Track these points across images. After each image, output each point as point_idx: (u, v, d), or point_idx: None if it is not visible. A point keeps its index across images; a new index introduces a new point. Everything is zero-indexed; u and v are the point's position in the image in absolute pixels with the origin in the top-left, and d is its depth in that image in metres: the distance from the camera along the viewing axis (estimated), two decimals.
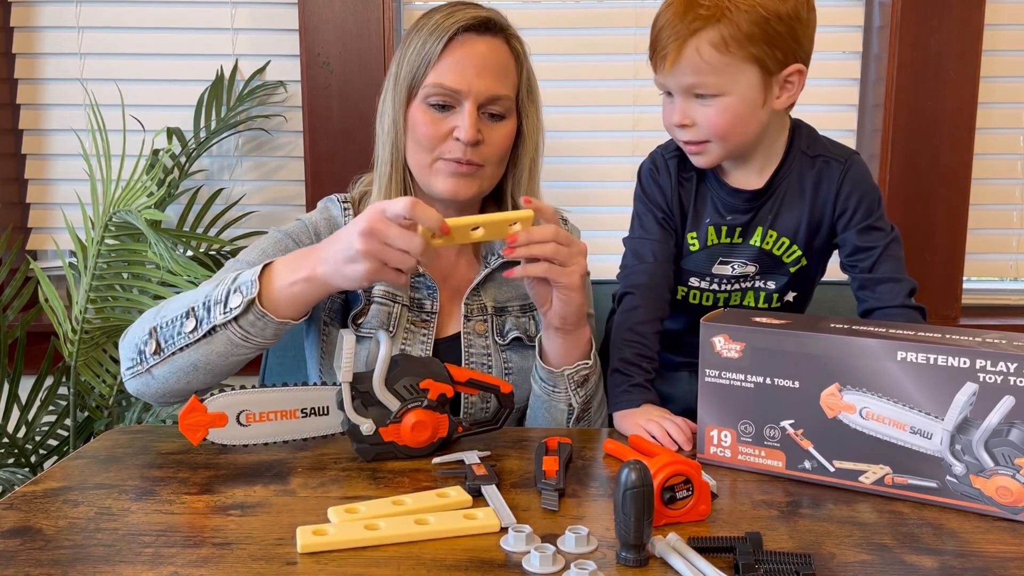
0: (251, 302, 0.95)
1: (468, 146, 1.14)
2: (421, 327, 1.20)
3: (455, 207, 1.21)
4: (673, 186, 1.21)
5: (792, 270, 1.21)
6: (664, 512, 0.77)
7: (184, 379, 1.02)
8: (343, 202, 1.27)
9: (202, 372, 1.01)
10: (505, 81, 1.17)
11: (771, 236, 1.18)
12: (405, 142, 1.19)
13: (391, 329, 1.18)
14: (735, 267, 1.20)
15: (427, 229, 0.91)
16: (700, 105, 1.09)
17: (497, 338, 1.22)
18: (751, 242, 1.19)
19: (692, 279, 1.23)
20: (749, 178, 1.18)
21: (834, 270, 1.93)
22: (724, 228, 1.18)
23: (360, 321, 1.17)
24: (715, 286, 1.22)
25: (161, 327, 1.02)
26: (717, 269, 1.21)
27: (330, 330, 1.21)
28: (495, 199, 1.29)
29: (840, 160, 1.21)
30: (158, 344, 1.02)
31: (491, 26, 1.17)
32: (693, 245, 1.21)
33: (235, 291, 0.97)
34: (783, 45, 1.07)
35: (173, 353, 1.01)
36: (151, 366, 1.03)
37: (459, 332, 1.21)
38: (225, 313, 0.96)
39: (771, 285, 1.22)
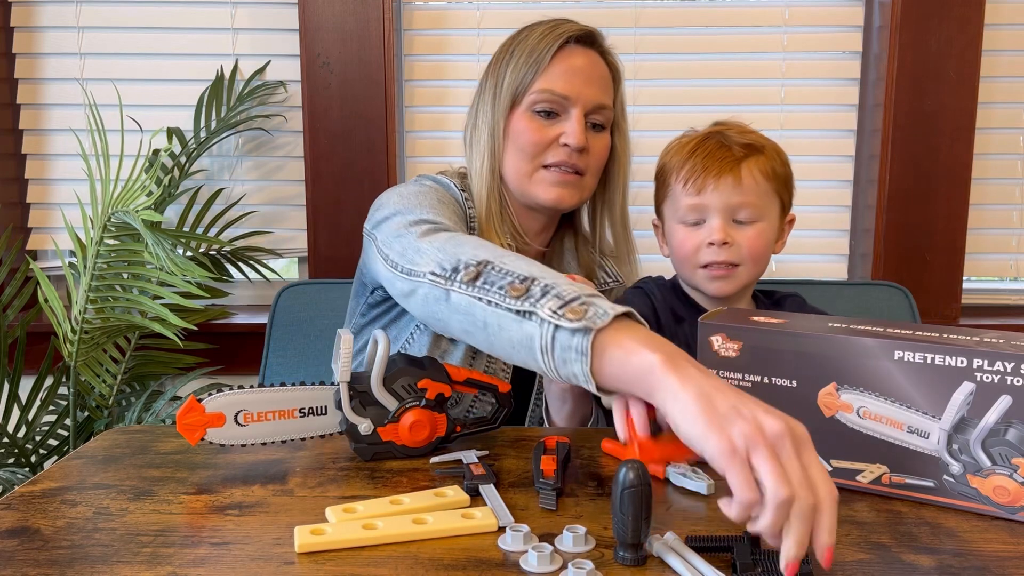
0: (587, 331, 0.77)
1: (575, 151, 1.16)
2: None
3: (547, 216, 1.23)
4: (665, 322, 1.20)
5: None
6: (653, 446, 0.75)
7: (468, 326, 0.90)
8: (461, 190, 1.22)
9: (482, 336, 0.89)
10: (608, 92, 1.21)
11: None
12: (503, 151, 1.20)
13: None
14: None
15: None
16: (738, 228, 1.14)
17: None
18: None
19: None
20: None
21: (833, 270, 1.94)
22: None
23: None
24: None
25: (493, 267, 0.89)
26: None
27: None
28: (571, 223, 1.30)
29: (792, 295, 1.28)
30: (478, 276, 0.89)
31: (594, 41, 1.21)
32: None
33: (584, 304, 0.79)
34: (790, 190, 1.19)
35: (481, 298, 0.88)
36: (455, 289, 0.91)
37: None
38: (555, 314, 0.80)
39: None
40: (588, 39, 1.20)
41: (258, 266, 1.87)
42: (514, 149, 1.19)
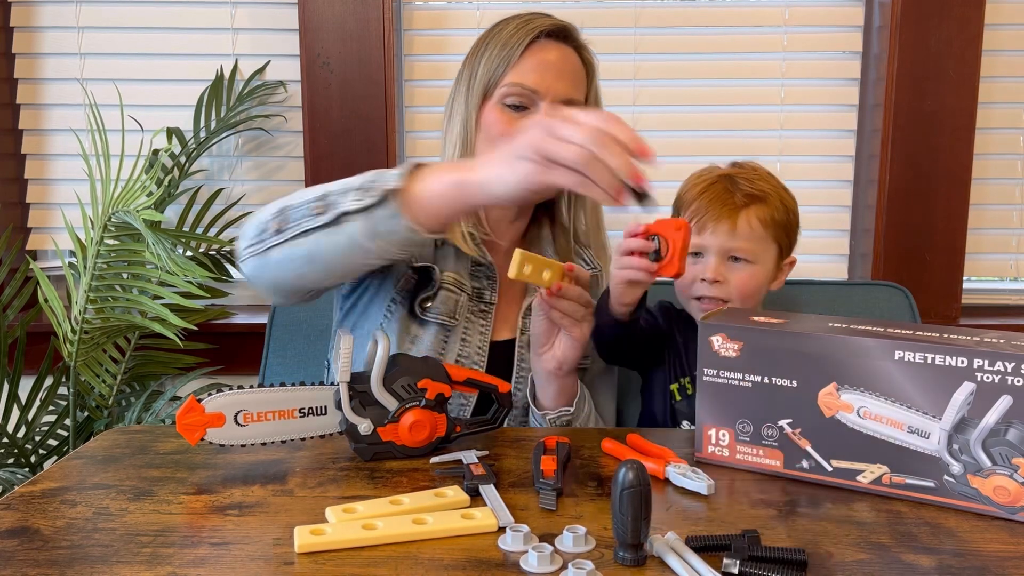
0: (389, 193, 0.89)
1: None
2: (480, 318, 1.22)
3: (515, 210, 1.25)
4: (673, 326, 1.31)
5: None
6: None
7: (298, 269, 0.98)
8: None
9: (317, 265, 0.97)
10: (579, 87, 1.22)
11: None
12: (475, 142, 1.21)
13: (455, 319, 1.20)
14: None
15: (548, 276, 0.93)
16: (732, 268, 1.23)
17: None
18: None
19: (685, 422, 1.26)
20: None
21: (834, 270, 1.93)
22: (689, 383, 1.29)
23: (428, 305, 1.19)
24: None
25: (291, 207, 0.98)
26: None
27: (396, 307, 1.20)
28: (548, 212, 1.31)
29: None
30: (282, 223, 0.97)
31: (567, 35, 1.22)
32: (682, 392, 1.27)
33: (376, 181, 0.91)
34: (792, 236, 1.30)
35: (295, 236, 0.96)
36: (270, 246, 0.99)
37: (512, 339, 1.24)
38: (358, 200, 0.90)
39: None
40: (561, 33, 1.21)
41: None
42: (485, 141, 1.20)
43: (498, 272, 1.24)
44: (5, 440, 1.70)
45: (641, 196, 0.84)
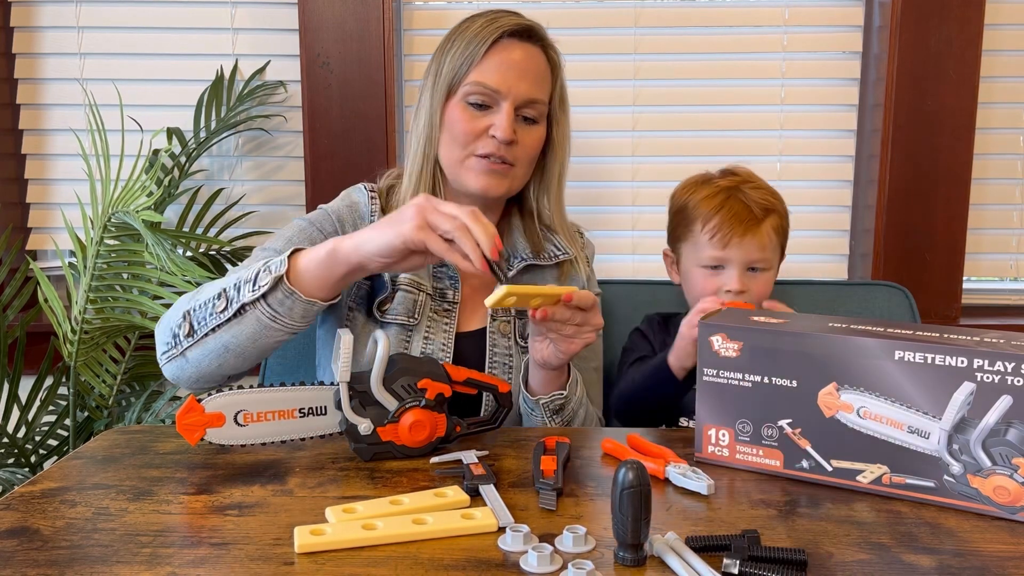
0: (279, 279, 0.98)
1: (503, 144, 1.19)
2: (443, 316, 1.23)
3: (482, 204, 1.25)
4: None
5: None
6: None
7: (216, 361, 1.05)
8: (370, 190, 1.29)
9: (233, 355, 1.04)
10: (542, 87, 1.23)
11: None
12: (439, 138, 1.23)
13: (415, 317, 1.21)
14: None
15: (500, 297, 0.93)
16: (752, 277, 1.31)
17: (519, 340, 1.25)
18: None
19: (682, 419, 1.31)
20: None
21: (834, 270, 1.93)
22: None
23: (385, 308, 1.20)
24: None
25: (195, 309, 1.05)
26: None
27: (355, 315, 1.22)
28: (519, 203, 1.32)
29: None
30: (191, 326, 1.04)
31: (532, 34, 1.23)
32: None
33: (264, 271, 1.00)
34: (787, 239, 1.37)
35: (206, 335, 1.03)
36: (184, 349, 1.06)
37: (483, 328, 1.24)
38: (253, 291, 0.99)
39: None
40: (526, 33, 1.22)
41: None
42: (448, 137, 1.22)
43: (461, 272, 1.24)
44: (5, 440, 1.70)
45: (498, 269, 0.94)
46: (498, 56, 1.19)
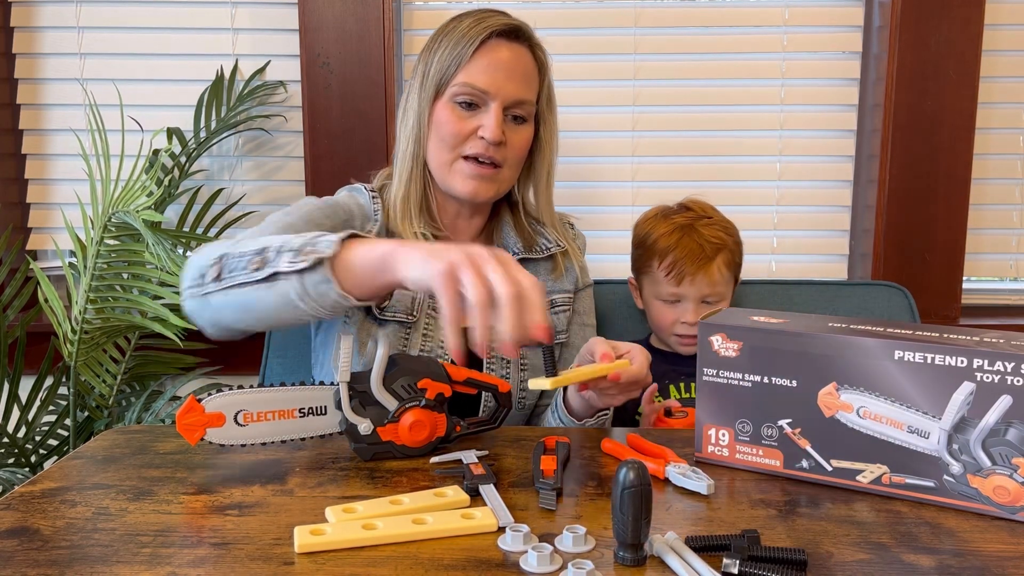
0: (321, 260, 0.89)
1: (491, 144, 1.18)
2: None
3: (470, 207, 1.26)
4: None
5: None
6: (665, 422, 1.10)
7: (235, 316, 0.99)
8: (370, 191, 1.28)
9: (252, 316, 0.97)
10: (530, 87, 1.23)
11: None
12: (427, 139, 1.23)
13: (414, 315, 1.20)
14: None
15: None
16: (706, 309, 1.39)
17: (549, 318, 1.23)
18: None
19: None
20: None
21: (834, 270, 1.93)
22: (681, 383, 1.42)
23: (384, 305, 1.19)
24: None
25: (230, 256, 0.98)
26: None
27: (353, 312, 1.21)
28: (507, 199, 1.33)
29: None
30: (220, 271, 0.97)
31: (519, 34, 1.22)
32: (658, 399, 1.38)
33: (311, 244, 0.91)
34: (741, 264, 1.45)
35: (232, 286, 0.96)
36: (208, 292, 0.99)
37: None
38: (292, 263, 0.90)
39: None
40: (514, 33, 1.22)
41: None
42: (436, 138, 1.22)
43: None
44: (5, 440, 1.70)
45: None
46: (486, 56, 1.19)
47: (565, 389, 1.14)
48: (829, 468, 0.87)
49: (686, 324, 1.38)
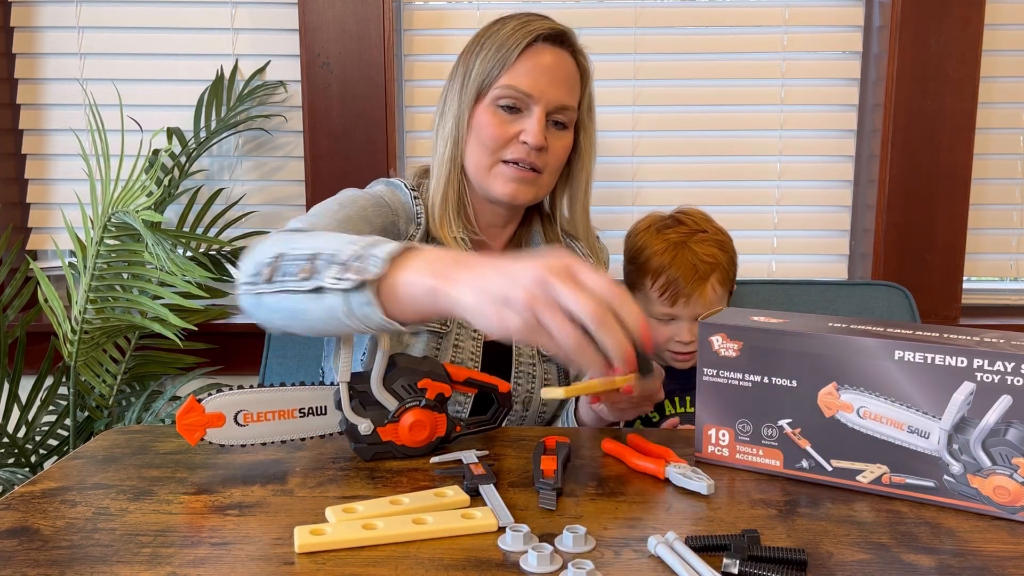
0: (364, 283, 0.81)
1: (533, 150, 1.17)
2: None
3: (507, 211, 1.26)
4: None
5: None
6: None
7: (285, 321, 0.93)
8: (412, 189, 1.25)
9: (302, 324, 0.91)
10: (573, 93, 1.22)
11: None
12: (466, 142, 1.21)
13: (447, 325, 1.19)
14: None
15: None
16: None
17: (540, 348, 1.24)
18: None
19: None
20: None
21: (833, 270, 1.93)
22: (676, 398, 1.41)
23: None
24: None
25: (285, 257, 0.91)
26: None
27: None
28: (538, 209, 1.33)
29: None
30: (273, 273, 0.91)
31: (564, 40, 1.22)
32: (654, 417, 1.40)
33: (360, 259, 0.83)
34: (735, 277, 1.43)
35: (282, 291, 0.90)
36: (261, 292, 0.92)
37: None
38: (337, 280, 0.83)
39: None
40: (558, 38, 1.21)
41: None
42: (476, 141, 1.20)
43: None
44: (5, 440, 1.70)
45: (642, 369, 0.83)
46: (530, 60, 1.18)
47: (577, 400, 1.14)
48: (829, 468, 0.87)
49: (681, 343, 1.35)
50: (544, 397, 0.91)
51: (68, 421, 1.72)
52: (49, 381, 1.75)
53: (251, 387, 0.91)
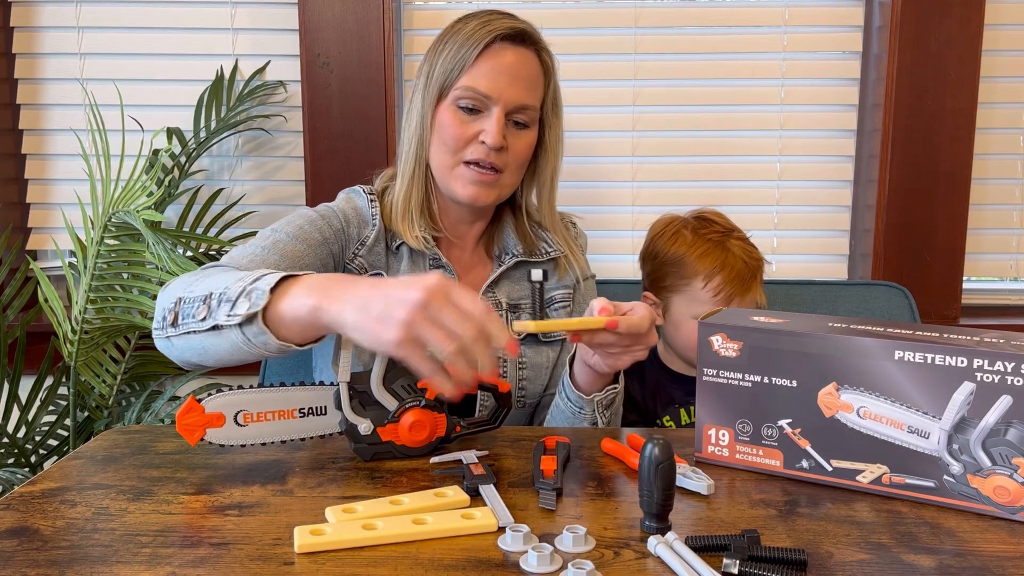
0: (253, 316, 0.88)
1: (492, 150, 1.18)
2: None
3: (471, 211, 1.26)
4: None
5: None
6: None
7: (198, 358, 0.99)
8: (368, 193, 1.27)
9: (213, 358, 0.97)
10: (534, 92, 1.22)
11: None
12: (430, 141, 1.22)
13: None
14: None
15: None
16: None
17: (512, 333, 1.23)
18: None
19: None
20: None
21: (834, 270, 1.93)
22: (692, 408, 1.37)
23: None
24: None
25: (185, 301, 0.97)
26: None
27: None
28: (510, 203, 1.32)
29: None
30: (176, 317, 0.97)
31: (525, 38, 1.22)
32: (671, 425, 1.37)
33: (246, 295, 0.90)
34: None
35: (186, 332, 0.96)
36: (169, 335, 0.99)
37: None
38: (229, 316, 0.90)
39: None
40: (519, 36, 1.21)
41: None
42: (438, 140, 1.21)
43: (456, 270, 1.26)
44: (5, 440, 1.70)
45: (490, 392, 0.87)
46: (490, 60, 1.18)
47: (571, 365, 1.12)
48: (829, 468, 0.87)
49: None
50: (515, 329, 0.92)
51: (68, 421, 1.72)
52: (49, 381, 1.75)
53: (251, 387, 0.91)
